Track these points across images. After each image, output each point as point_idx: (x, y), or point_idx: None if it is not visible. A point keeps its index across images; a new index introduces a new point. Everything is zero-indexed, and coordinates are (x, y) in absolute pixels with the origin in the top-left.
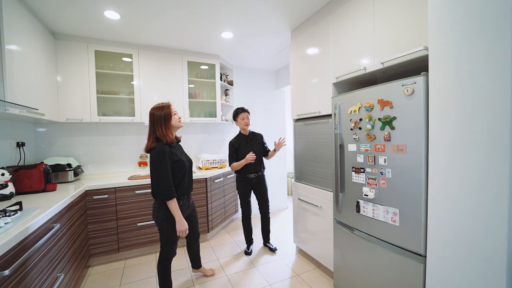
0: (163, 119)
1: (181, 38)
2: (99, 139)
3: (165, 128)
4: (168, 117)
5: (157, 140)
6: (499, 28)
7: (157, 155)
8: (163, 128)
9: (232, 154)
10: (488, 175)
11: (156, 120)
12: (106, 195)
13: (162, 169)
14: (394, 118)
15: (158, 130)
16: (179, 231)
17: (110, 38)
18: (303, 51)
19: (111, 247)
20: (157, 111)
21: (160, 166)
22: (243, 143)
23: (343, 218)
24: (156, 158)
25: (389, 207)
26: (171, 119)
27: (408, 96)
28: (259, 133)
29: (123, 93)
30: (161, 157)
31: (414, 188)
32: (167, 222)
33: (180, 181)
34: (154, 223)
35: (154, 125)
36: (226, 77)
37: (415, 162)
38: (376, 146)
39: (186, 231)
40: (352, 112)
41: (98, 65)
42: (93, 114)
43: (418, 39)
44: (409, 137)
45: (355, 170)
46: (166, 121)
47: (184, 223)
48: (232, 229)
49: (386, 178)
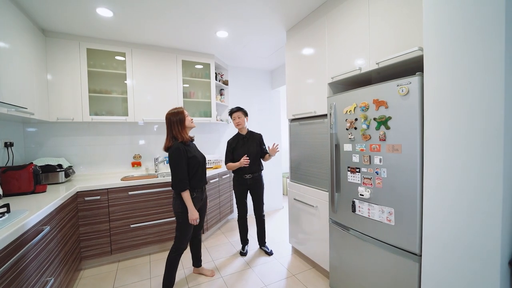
0: (178, 122)
1: (176, 37)
2: (91, 139)
3: (181, 129)
4: (182, 120)
5: (174, 139)
6: (493, 29)
7: (174, 153)
8: (179, 129)
9: (228, 153)
10: (483, 175)
11: (173, 123)
12: (98, 196)
13: (178, 165)
14: (389, 118)
15: (174, 130)
16: (191, 219)
17: (102, 36)
18: (299, 51)
19: (103, 249)
20: (173, 116)
21: (177, 162)
22: (240, 143)
23: (339, 218)
24: (174, 155)
25: (384, 207)
26: (185, 121)
27: (403, 96)
28: (258, 133)
29: (116, 92)
30: (177, 154)
31: (409, 187)
32: (181, 211)
33: (194, 174)
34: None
35: (171, 127)
36: (221, 76)
37: (410, 162)
38: (372, 146)
39: (197, 220)
40: (347, 112)
41: (90, 63)
42: (84, 114)
43: (413, 39)
44: (404, 137)
45: (350, 170)
46: (181, 124)
47: (195, 213)
48: (227, 230)
49: (382, 178)
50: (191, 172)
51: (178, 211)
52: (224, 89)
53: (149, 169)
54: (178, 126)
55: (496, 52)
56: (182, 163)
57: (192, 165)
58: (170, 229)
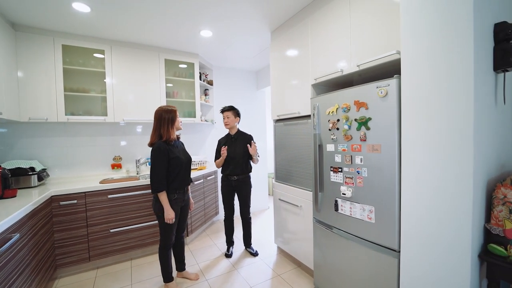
0: (169, 121)
1: (158, 35)
2: (68, 140)
3: (170, 128)
4: (174, 120)
5: (159, 137)
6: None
7: (154, 152)
8: (168, 128)
9: (217, 152)
10: (457, 174)
11: (163, 120)
12: (74, 200)
13: (157, 165)
14: (369, 119)
15: (163, 128)
16: (166, 219)
17: (79, 32)
18: (283, 52)
19: (81, 256)
20: (166, 113)
21: (156, 162)
22: (228, 142)
23: (322, 217)
24: (153, 154)
25: (365, 205)
26: (176, 122)
27: (382, 98)
28: (249, 134)
29: (95, 91)
30: (157, 153)
31: (388, 186)
32: (162, 212)
33: (176, 176)
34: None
35: (160, 123)
36: (206, 76)
37: (389, 161)
38: (353, 146)
39: (172, 219)
40: (330, 113)
41: (66, 60)
42: (60, 113)
43: (392, 43)
44: (383, 137)
45: (333, 170)
46: (171, 123)
47: (171, 212)
48: (213, 232)
49: (363, 177)
50: (172, 173)
51: (159, 213)
52: (208, 89)
53: (130, 171)
54: (168, 124)
55: (465, 55)
56: (161, 163)
57: (174, 166)
58: (153, 233)
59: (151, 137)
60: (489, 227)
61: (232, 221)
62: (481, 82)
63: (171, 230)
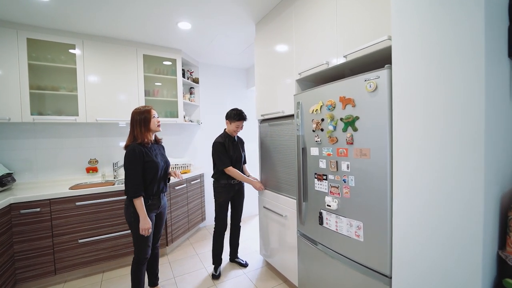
0: (142, 122)
1: (134, 28)
2: (38, 142)
3: (144, 130)
4: (147, 121)
5: (134, 139)
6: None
7: (127, 154)
8: (142, 129)
9: (226, 154)
10: (460, 185)
11: (136, 122)
12: (37, 208)
13: (131, 168)
14: (357, 118)
15: (136, 130)
16: (141, 229)
17: (46, 24)
18: (267, 46)
19: (45, 269)
20: (138, 115)
21: (130, 165)
22: (230, 145)
23: (307, 230)
24: (126, 156)
25: (352, 220)
26: (150, 123)
27: (371, 93)
28: (241, 137)
29: (65, 89)
30: (131, 156)
31: (378, 199)
32: (134, 219)
33: (151, 181)
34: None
35: (134, 126)
36: (191, 74)
37: (379, 169)
38: (339, 150)
39: (149, 230)
40: (314, 112)
41: (32, 55)
42: (24, 113)
43: (383, 28)
44: (372, 140)
45: (317, 177)
46: (145, 124)
47: (147, 222)
48: (197, 240)
49: (349, 187)
50: (147, 177)
51: (131, 220)
52: (194, 87)
53: (106, 175)
54: (140, 126)
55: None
56: (136, 166)
57: (149, 169)
58: (127, 243)
59: (127, 140)
60: (504, 256)
61: (224, 237)
62: (493, 71)
63: (146, 241)
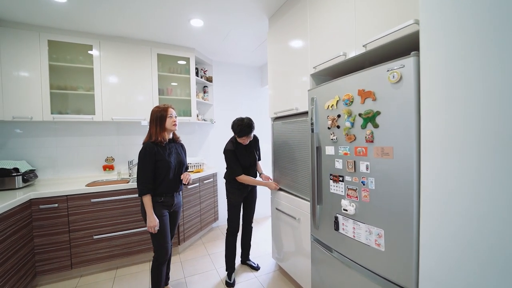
0: (158, 120)
1: (148, 27)
2: (58, 140)
3: (160, 128)
4: (163, 119)
5: (150, 137)
6: None
7: (140, 153)
8: (157, 128)
9: (237, 163)
10: (507, 190)
11: (152, 120)
12: (55, 204)
13: (142, 166)
14: (377, 113)
15: (152, 128)
16: (148, 227)
17: (65, 26)
18: (280, 40)
19: (62, 263)
20: (156, 112)
21: (141, 163)
22: (242, 151)
23: (321, 236)
24: (139, 155)
25: (372, 227)
26: (165, 121)
27: (395, 84)
28: (254, 134)
29: (83, 88)
30: (141, 154)
31: (402, 204)
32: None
33: (163, 179)
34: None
35: (151, 123)
36: (205, 72)
37: (404, 170)
38: (357, 149)
39: (155, 228)
40: (329, 107)
41: (52, 57)
42: (45, 112)
43: (409, 13)
44: (396, 137)
45: (333, 178)
46: (160, 123)
47: (154, 219)
48: (209, 240)
49: (369, 190)
50: (159, 176)
51: (144, 217)
52: (207, 86)
53: (121, 173)
54: (156, 124)
55: None
56: (147, 165)
57: (160, 168)
58: (140, 241)
59: (145, 137)
60: None
61: (236, 238)
62: None
63: (164, 238)
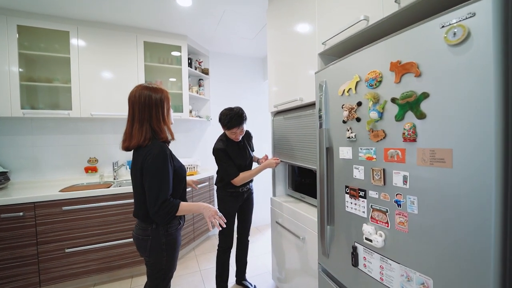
0: (164, 105)
1: (131, 11)
2: (35, 139)
3: (167, 117)
4: (168, 103)
5: (152, 133)
6: None
7: (157, 159)
8: (165, 118)
9: (230, 163)
10: None
11: (155, 104)
12: (20, 212)
13: (163, 178)
14: (424, 96)
15: (155, 118)
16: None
17: (38, 10)
18: (282, 15)
19: (29, 280)
20: (155, 92)
21: (162, 173)
22: (235, 150)
23: (332, 268)
24: (157, 162)
25: (412, 271)
26: (170, 108)
27: (456, 47)
28: (247, 130)
29: (59, 81)
30: (163, 161)
31: (470, 241)
32: (168, 253)
33: (181, 195)
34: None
35: (151, 110)
36: (200, 64)
37: (474, 187)
38: (388, 151)
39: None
40: (345, 93)
41: (23, 44)
42: (14, 107)
43: None
44: (458, 133)
45: (350, 192)
46: (167, 109)
47: (210, 206)
48: (203, 251)
49: (408, 214)
50: (177, 190)
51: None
52: (203, 79)
53: (105, 176)
54: (163, 111)
55: None
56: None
57: (179, 179)
58: (121, 254)
59: (137, 135)
60: None
61: (229, 255)
62: None
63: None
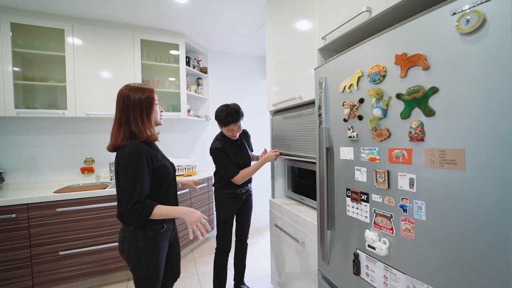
0: (144, 106)
1: (128, 8)
2: (31, 139)
3: (146, 118)
4: (150, 103)
5: (130, 134)
6: None
7: (129, 158)
8: (143, 118)
9: (229, 161)
10: None
11: (133, 105)
12: (13, 214)
13: (136, 178)
14: (432, 90)
15: (134, 118)
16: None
17: (32, 7)
18: (280, 10)
19: (22, 283)
20: (135, 92)
21: (135, 173)
22: (233, 148)
23: (332, 275)
24: (129, 162)
25: (419, 283)
26: (153, 109)
27: (468, 36)
28: (244, 129)
29: (54, 80)
30: (137, 160)
31: (486, 253)
32: (146, 258)
33: (164, 195)
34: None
35: (129, 112)
36: (198, 62)
37: (490, 192)
38: (393, 151)
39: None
40: (346, 89)
41: (17, 42)
42: (8, 106)
43: None
44: (471, 133)
45: (351, 196)
46: (147, 109)
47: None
48: (202, 254)
49: (414, 220)
50: (159, 191)
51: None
52: (202, 78)
53: (101, 176)
54: (142, 112)
55: None
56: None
57: (162, 179)
58: (116, 257)
59: (115, 137)
60: None
61: (227, 260)
62: None
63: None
